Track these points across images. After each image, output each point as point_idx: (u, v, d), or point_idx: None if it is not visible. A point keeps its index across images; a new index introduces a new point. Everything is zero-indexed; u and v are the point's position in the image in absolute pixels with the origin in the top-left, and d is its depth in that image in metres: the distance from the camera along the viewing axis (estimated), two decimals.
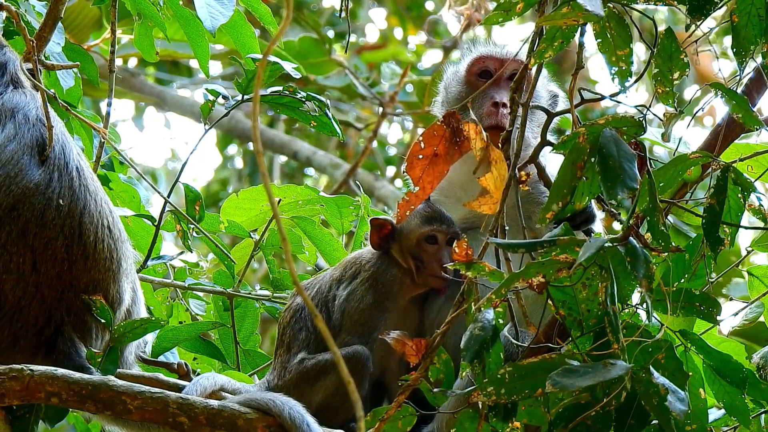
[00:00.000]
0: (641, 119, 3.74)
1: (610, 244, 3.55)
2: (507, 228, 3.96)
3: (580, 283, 3.65)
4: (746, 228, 3.98)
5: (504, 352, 3.78)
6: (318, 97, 5.21)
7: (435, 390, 3.88)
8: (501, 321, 3.74)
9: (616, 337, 3.56)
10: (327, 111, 5.19)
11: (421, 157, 3.88)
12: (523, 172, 3.97)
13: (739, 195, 3.85)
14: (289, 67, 5.16)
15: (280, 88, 5.21)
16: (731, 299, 4.91)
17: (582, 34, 3.92)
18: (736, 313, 4.54)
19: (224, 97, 5.24)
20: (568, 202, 3.66)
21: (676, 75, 3.86)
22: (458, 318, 4.61)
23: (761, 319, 4.71)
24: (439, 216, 4.71)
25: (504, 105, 4.64)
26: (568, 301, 3.70)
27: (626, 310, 3.72)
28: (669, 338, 3.85)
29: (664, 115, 3.93)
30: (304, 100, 5.17)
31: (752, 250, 4.72)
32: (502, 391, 3.58)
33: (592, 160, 3.61)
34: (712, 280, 4.09)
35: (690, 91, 8.26)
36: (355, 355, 4.57)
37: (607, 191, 3.54)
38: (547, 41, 3.84)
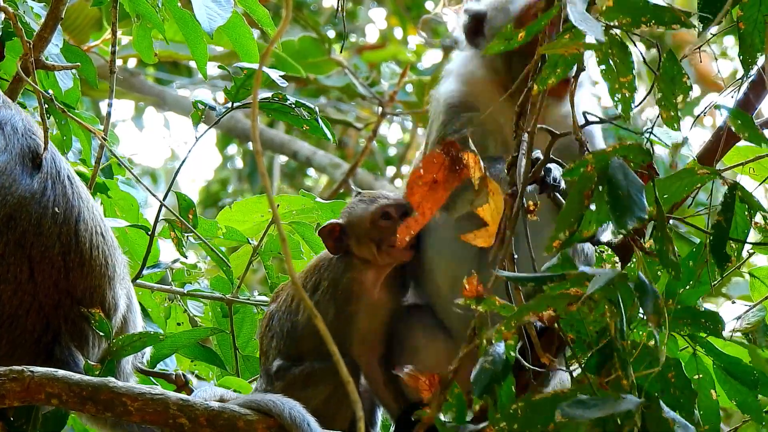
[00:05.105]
0: (647, 146, 3.73)
1: (619, 277, 3.53)
2: (516, 256, 3.95)
3: (586, 306, 3.62)
4: (753, 244, 3.99)
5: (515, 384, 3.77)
6: (306, 103, 5.19)
7: (448, 425, 3.84)
8: (512, 353, 3.72)
9: (625, 373, 3.54)
10: (317, 117, 5.19)
11: (420, 183, 3.84)
12: (531, 202, 3.97)
13: (746, 213, 3.85)
14: (275, 75, 5.16)
15: (270, 95, 5.20)
16: (733, 302, 4.90)
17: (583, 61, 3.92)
18: (739, 317, 4.52)
19: (211, 108, 5.24)
20: (575, 231, 3.64)
21: (679, 98, 3.84)
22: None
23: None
24: (382, 194, 4.73)
25: None
26: (575, 324, 3.68)
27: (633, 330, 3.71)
28: (677, 342, 3.86)
29: (671, 146, 3.92)
30: (293, 106, 5.17)
31: (753, 252, 4.71)
32: (515, 426, 3.56)
33: (600, 188, 3.59)
34: (715, 283, 4.09)
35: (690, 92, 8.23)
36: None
37: (616, 221, 3.51)
38: (550, 68, 3.82)
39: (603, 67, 3.76)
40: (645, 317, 3.49)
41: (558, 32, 3.84)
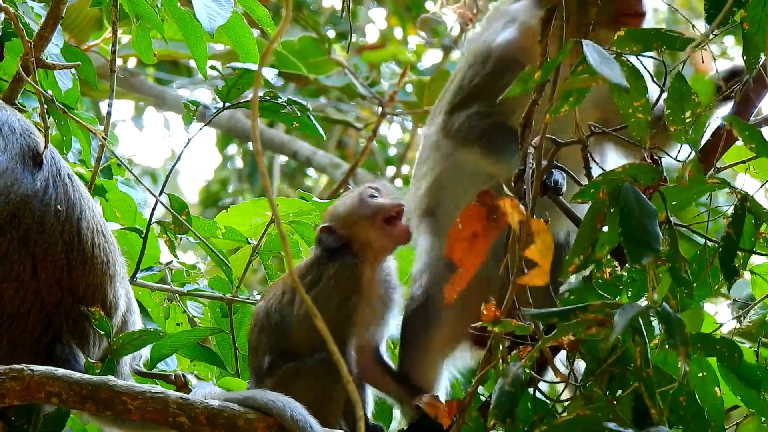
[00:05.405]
0: (658, 165, 3.74)
1: (643, 312, 3.51)
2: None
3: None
4: (760, 254, 3.99)
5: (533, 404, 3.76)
6: (298, 101, 5.20)
7: None
8: (528, 370, 3.70)
9: (654, 403, 3.52)
10: (309, 114, 5.20)
11: (460, 239, 3.80)
12: (542, 220, 3.96)
13: (753, 222, 3.85)
14: (270, 74, 5.17)
15: (261, 93, 5.20)
16: (734, 300, 4.89)
17: None
18: (740, 316, 4.51)
19: (205, 107, 5.25)
20: (590, 254, 3.63)
21: (687, 114, 3.84)
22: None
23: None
24: (363, 182, 4.80)
25: None
26: (587, 342, 3.67)
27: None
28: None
29: (683, 164, 3.92)
30: (285, 104, 5.17)
31: (754, 251, 4.70)
32: None
33: (611, 210, 3.59)
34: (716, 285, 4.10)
35: None
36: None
37: (631, 257, 3.49)
38: (563, 98, 3.81)
39: (616, 92, 3.76)
40: (671, 346, 3.47)
41: None
